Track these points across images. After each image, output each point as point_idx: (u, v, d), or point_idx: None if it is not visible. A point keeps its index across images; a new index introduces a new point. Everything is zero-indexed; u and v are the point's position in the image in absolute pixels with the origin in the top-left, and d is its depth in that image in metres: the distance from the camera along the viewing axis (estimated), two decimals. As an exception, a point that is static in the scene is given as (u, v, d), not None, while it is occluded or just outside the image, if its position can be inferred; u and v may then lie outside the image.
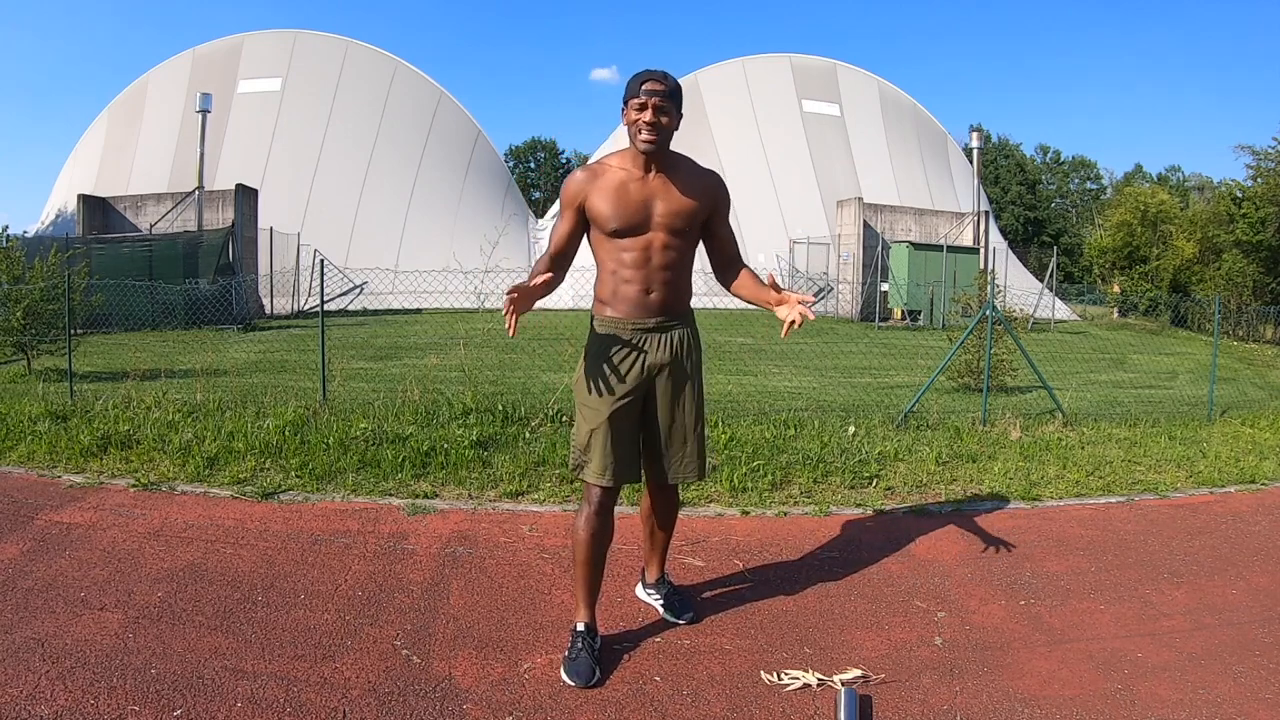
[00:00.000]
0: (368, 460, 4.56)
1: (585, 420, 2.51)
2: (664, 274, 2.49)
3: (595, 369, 2.51)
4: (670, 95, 2.40)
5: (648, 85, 2.38)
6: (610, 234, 2.46)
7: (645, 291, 2.48)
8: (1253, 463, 5.36)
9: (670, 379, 2.55)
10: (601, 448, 2.46)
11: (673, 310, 2.54)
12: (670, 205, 2.46)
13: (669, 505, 2.76)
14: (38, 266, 8.92)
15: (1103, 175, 62.38)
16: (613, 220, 2.44)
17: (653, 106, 2.38)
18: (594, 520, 2.49)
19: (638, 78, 2.42)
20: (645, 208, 2.45)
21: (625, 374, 2.49)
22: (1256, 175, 24.18)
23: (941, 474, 4.76)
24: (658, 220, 2.45)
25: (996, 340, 7.07)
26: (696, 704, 2.31)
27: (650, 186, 2.46)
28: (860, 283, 19.27)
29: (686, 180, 2.50)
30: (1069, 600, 3.10)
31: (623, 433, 2.49)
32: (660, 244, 2.47)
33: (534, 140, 61.46)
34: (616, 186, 2.45)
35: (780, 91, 26.58)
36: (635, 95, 2.39)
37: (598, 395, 2.48)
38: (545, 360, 9.04)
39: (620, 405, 2.48)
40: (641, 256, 2.47)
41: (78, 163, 25.71)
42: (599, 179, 2.48)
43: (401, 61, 25.83)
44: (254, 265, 17.49)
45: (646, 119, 2.37)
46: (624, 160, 2.49)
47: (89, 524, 3.63)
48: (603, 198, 2.45)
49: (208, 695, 2.26)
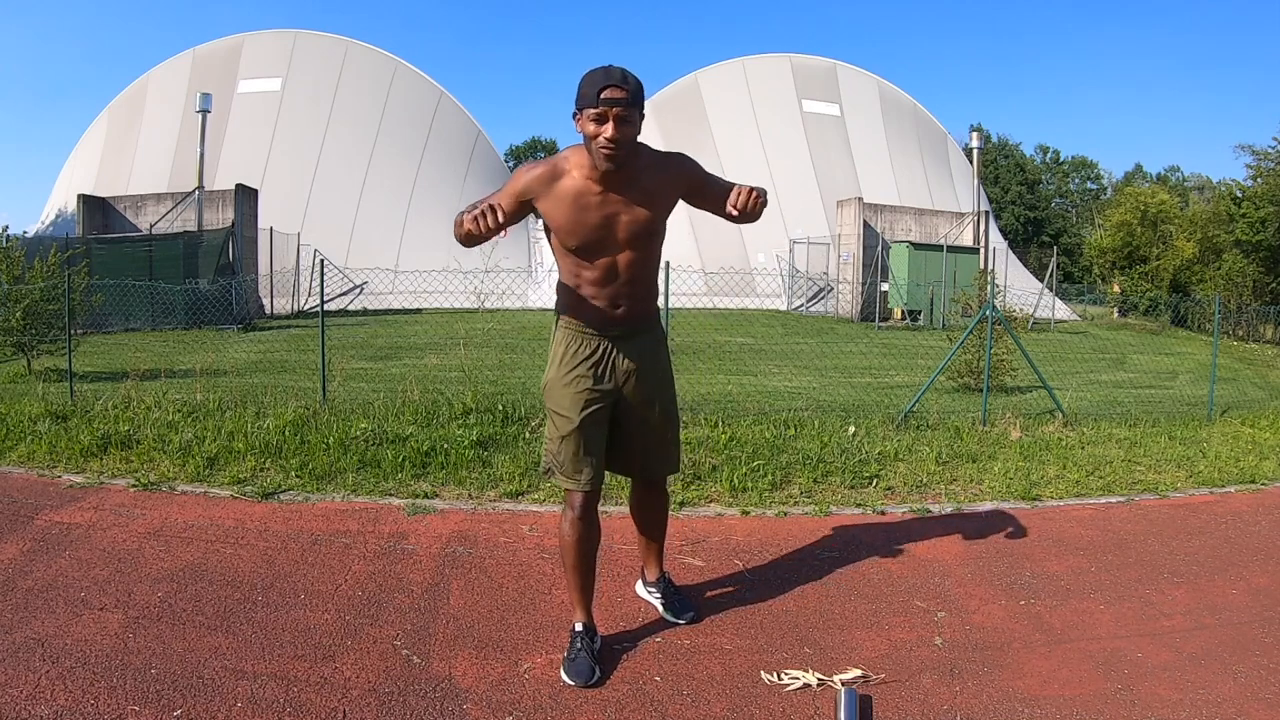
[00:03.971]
0: (368, 460, 4.55)
1: (556, 427, 2.47)
2: (629, 288, 2.39)
3: (563, 375, 2.45)
4: (632, 102, 2.13)
5: (606, 93, 2.10)
6: (570, 251, 2.33)
7: (613, 306, 2.39)
8: (1253, 463, 5.36)
9: (639, 383, 2.50)
10: (573, 453, 2.43)
11: (639, 317, 2.47)
12: (632, 219, 2.29)
13: (654, 500, 2.76)
14: (38, 266, 8.93)
15: (1103, 175, 62.43)
16: (571, 238, 2.30)
17: (614, 118, 2.10)
18: (578, 525, 2.48)
19: (593, 82, 2.12)
20: (606, 226, 2.28)
21: (595, 381, 2.43)
22: (1256, 175, 24.20)
23: (941, 474, 4.76)
24: (621, 237, 2.30)
25: (996, 340, 7.06)
26: (696, 704, 2.31)
27: (611, 203, 2.26)
28: (860, 283, 19.26)
29: (649, 183, 2.30)
30: (1069, 600, 3.10)
31: (593, 438, 2.46)
32: (625, 261, 2.34)
33: (534, 140, 61.53)
34: (575, 198, 2.25)
35: (780, 91, 26.57)
36: (592, 104, 2.11)
37: (569, 402, 2.43)
38: (545, 360, 9.02)
39: (589, 412, 2.43)
40: (606, 275, 2.35)
41: (78, 163, 25.71)
42: (556, 183, 2.26)
43: (401, 61, 25.82)
44: (254, 265, 17.48)
45: (608, 135, 2.11)
46: (583, 165, 2.25)
47: (89, 524, 3.63)
48: (559, 208, 2.26)
49: (208, 695, 2.26)
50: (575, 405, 2.43)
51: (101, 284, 11.03)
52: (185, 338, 12.11)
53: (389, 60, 25.68)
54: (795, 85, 26.79)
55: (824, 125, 26.42)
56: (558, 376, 2.47)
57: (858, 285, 19.20)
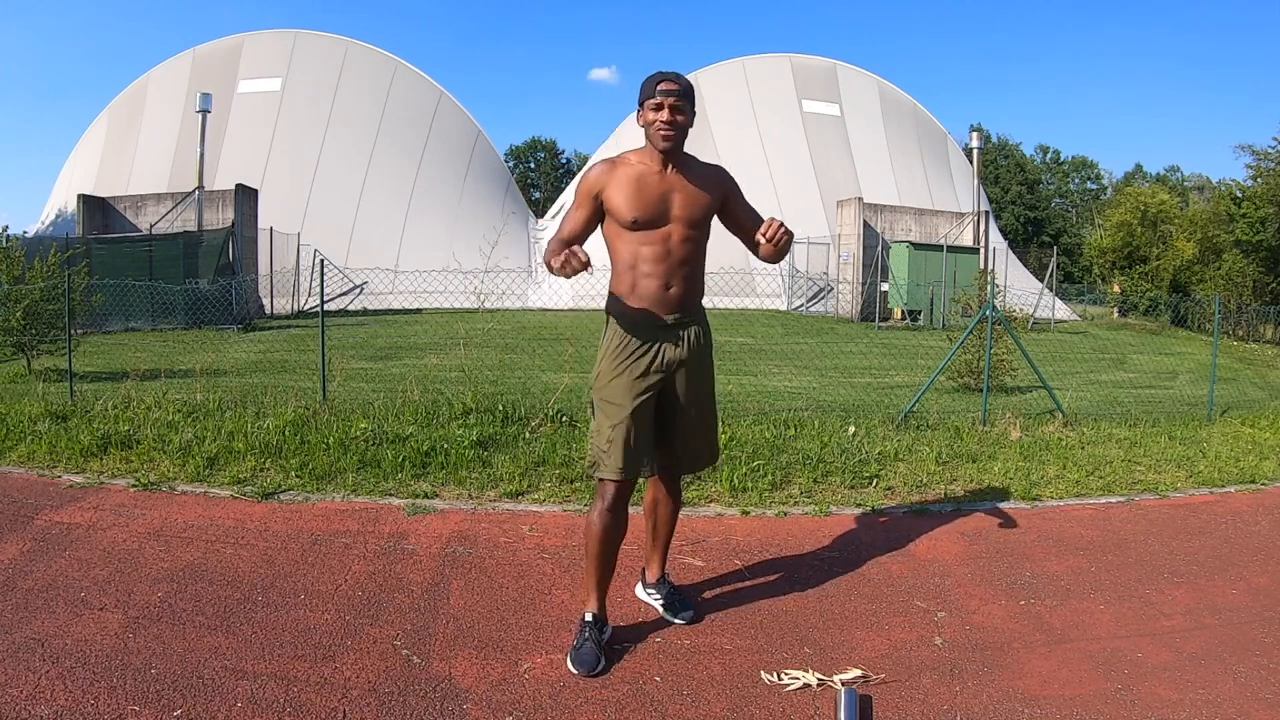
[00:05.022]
0: (368, 460, 4.55)
1: (608, 417, 2.53)
2: (683, 268, 2.55)
3: (617, 366, 2.54)
4: (684, 94, 2.49)
5: (663, 86, 2.47)
6: (629, 225, 2.51)
7: (665, 286, 2.53)
8: (1253, 463, 5.36)
9: (688, 374, 2.61)
10: (623, 443, 2.50)
11: (690, 305, 2.60)
12: (687, 198, 2.53)
13: (672, 497, 2.81)
14: (38, 266, 8.93)
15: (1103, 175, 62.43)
16: (632, 211, 2.50)
17: (669, 106, 2.47)
18: (607, 516, 2.52)
19: (652, 80, 2.51)
20: (664, 201, 2.52)
21: (646, 370, 2.54)
22: (1256, 175, 24.21)
23: (941, 474, 4.76)
24: (676, 213, 2.53)
25: (996, 340, 7.06)
26: (696, 704, 2.31)
27: (668, 181, 2.54)
28: (860, 283, 19.25)
29: (699, 175, 2.59)
30: (1069, 600, 3.10)
31: (643, 428, 2.54)
32: (679, 237, 2.53)
33: (534, 140, 61.59)
34: (635, 179, 2.52)
35: (780, 91, 26.57)
36: (651, 96, 2.48)
37: (621, 391, 2.52)
38: (545, 360, 9.05)
39: (641, 401, 2.52)
40: (661, 250, 2.52)
41: (78, 163, 25.70)
42: (617, 171, 2.55)
43: (401, 61, 25.82)
44: (254, 265, 17.48)
45: (664, 119, 2.47)
46: (642, 156, 2.57)
47: (89, 524, 3.63)
48: (621, 190, 2.52)
49: (208, 695, 2.26)
50: (629, 394, 2.52)
51: (101, 284, 11.03)
52: (185, 338, 12.12)
53: (389, 60, 25.68)
54: (795, 85, 26.80)
55: (824, 125, 26.42)
56: (610, 368, 2.56)
57: (858, 285, 19.20)
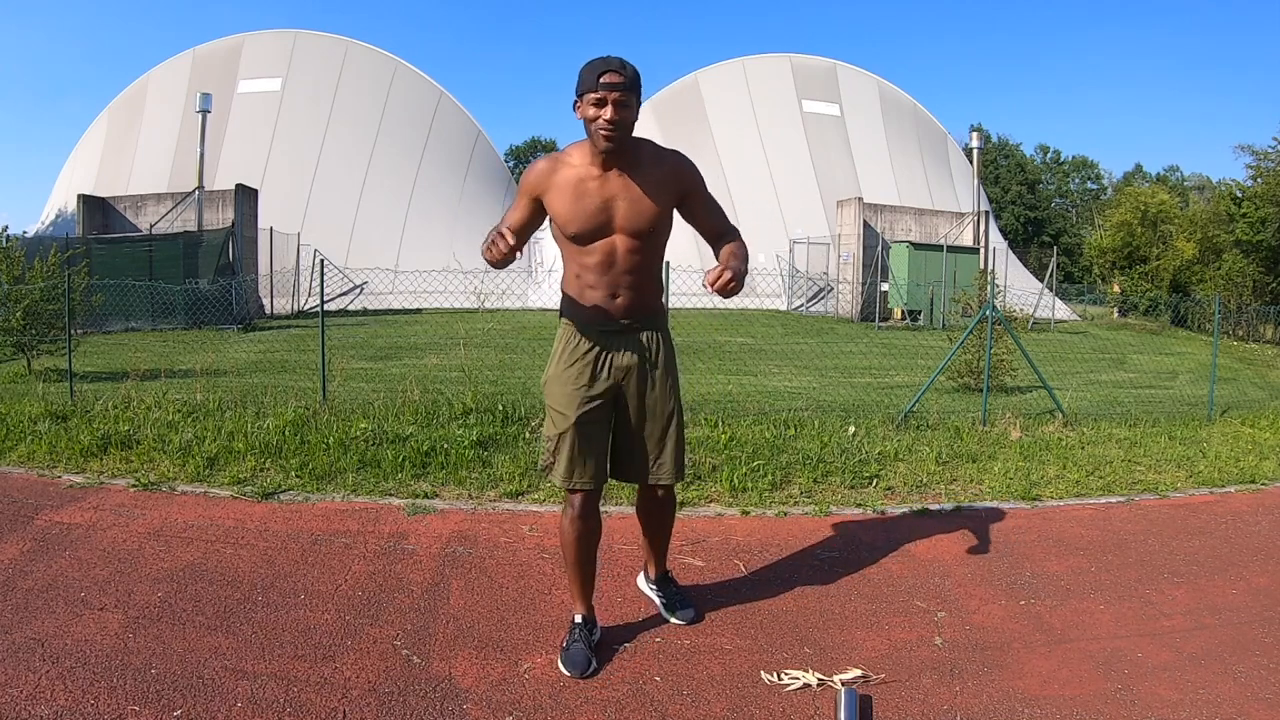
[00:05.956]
0: (368, 460, 4.55)
1: (553, 424, 2.47)
2: (629, 278, 2.39)
3: (561, 372, 2.46)
4: (630, 87, 2.21)
5: (606, 78, 2.19)
6: (570, 238, 2.36)
7: (611, 296, 2.39)
8: (1253, 463, 5.36)
9: (638, 381, 2.49)
10: (569, 451, 2.43)
11: (639, 312, 2.46)
12: (632, 207, 2.32)
13: (659, 504, 2.72)
14: (38, 266, 8.93)
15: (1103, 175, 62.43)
16: (571, 224, 2.32)
17: (613, 103, 2.19)
18: (576, 523, 2.49)
19: (593, 69, 2.21)
20: (605, 210, 2.31)
21: (592, 377, 2.44)
22: (1256, 175, 24.20)
23: (941, 474, 4.76)
24: (620, 224, 2.33)
25: (996, 340, 7.06)
26: (696, 704, 2.31)
27: (610, 187, 2.31)
28: (860, 283, 19.25)
29: (648, 174, 2.34)
30: (1069, 600, 3.10)
31: (590, 437, 2.44)
32: (624, 248, 2.35)
33: (534, 140, 61.51)
34: (575, 185, 2.31)
35: (780, 91, 26.56)
36: (592, 89, 2.20)
37: (564, 399, 2.44)
38: (545, 360, 9.02)
39: (587, 409, 2.43)
40: (604, 261, 2.36)
41: (78, 163, 25.70)
42: (558, 174, 2.33)
43: (401, 61, 25.82)
44: (254, 265, 17.48)
45: (606, 117, 2.19)
46: (584, 155, 2.33)
47: (89, 524, 3.63)
48: (561, 197, 2.32)
49: (208, 695, 2.26)
50: (571, 402, 2.43)
51: (101, 284, 11.03)
52: (185, 338, 12.11)
53: (389, 60, 25.68)
54: (795, 85, 26.78)
55: (824, 125, 26.41)
56: (556, 373, 2.49)
57: (858, 285, 19.20)
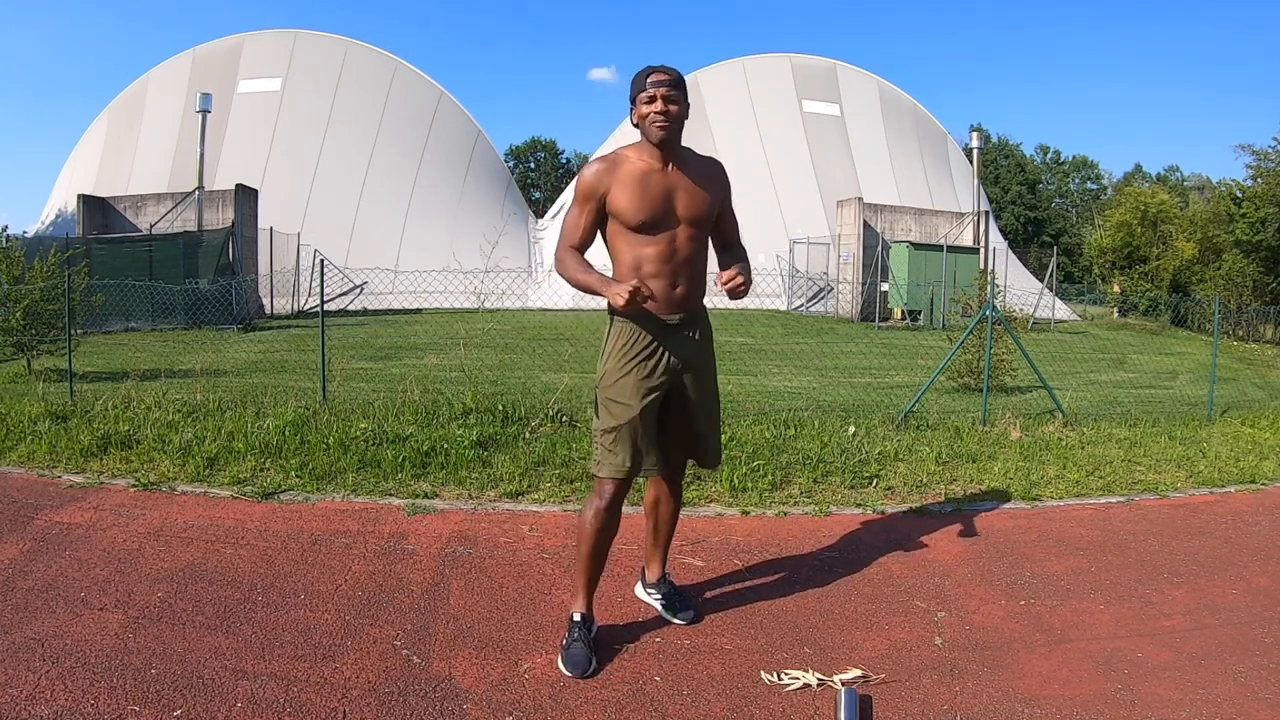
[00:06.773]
0: (368, 460, 4.55)
1: (614, 416, 2.51)
2: (688, 267, 2.51)
3: (624, 365, 2.51)
4: (676, 85, 2.43)
5: (654, 78, 2.42)
6: (634, 229, 2.46)
7: (671, 286, 2.49)
8: (1253, 463, 5.36)
9: (695, 373, 2.58)
10: (629, 443, 2.48)
11: (694, 304, 2.57)
12: (691, 198, 2.48)
13: (675, 497, 2.80)
14: (38, 266, 8.93)
15: (1103, 175, 62.43)
16: (638, 214, 2.43)
17: (662, 97, 2.41)
18: (603, 514, 2.52)
19: (642, 73, 2.45)
20: (668, 200, 2.46)
21: (653, 370, 2.50)
22: (1256, 175, 24.22)
23: (941, 474, 4.76)
24: (681, 214, 2.47)
25: (996, 340, 7.06)
26: (696, 704, 2.31)
27: (671, 179, 2.47)
28: (860, 283, 19.25)
29: (700, 172, 2.53)
30: (1069, 600, 3.10)
31: (649, 427, 2.52)
32: (685, 237, 2.49)
33: (534, 140, 61.53)
34: (638, 179, 2.45)
35: (780, 91, 26.58)
36: (643, 89, 2.43)
37: (629, 390, 2.49)
38: (545, 360, 9.04)
39: (649, 401, 2.50)
40: (666, 250, 2.47)
41: (78, 163, 25.71)
42: (619, 170, 2.47)
43: (401, 61, 25.83)
44: (254, 265, 17.48)
45: (658, 109, 2.40)
46: (640, 153, 2.49)
47: (89, 524, 3.63)
48: (625, 191, 2.45)
49: (208, 695, 2.26)
50: (636, 393, 2.49)
51: (101, 284, 11.03)
52: (185, 338, 12.11)
53: (389, 60, 25.69)
54: (795, 85, 26.80)
55: (824, 125, 26.42)
56: (616, 367, 2.52)
57: (858, 285, 19.20)
